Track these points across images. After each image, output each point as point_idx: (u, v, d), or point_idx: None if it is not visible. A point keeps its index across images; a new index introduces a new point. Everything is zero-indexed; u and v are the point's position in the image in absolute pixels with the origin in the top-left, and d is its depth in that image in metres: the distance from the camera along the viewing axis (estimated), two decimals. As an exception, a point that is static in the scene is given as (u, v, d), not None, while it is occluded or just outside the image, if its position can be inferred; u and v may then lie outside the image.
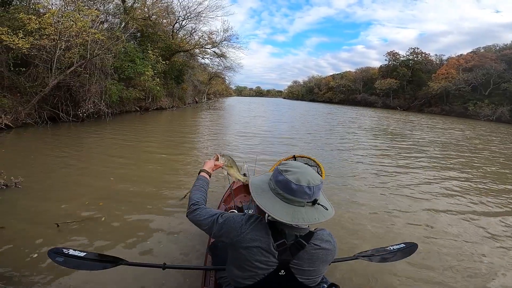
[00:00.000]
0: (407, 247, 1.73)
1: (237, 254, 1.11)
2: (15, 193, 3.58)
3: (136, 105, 16.33)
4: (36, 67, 9.50)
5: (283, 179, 1.05)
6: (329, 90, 70.26)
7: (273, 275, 1.08)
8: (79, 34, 9.79)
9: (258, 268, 1.08)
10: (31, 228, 2.81)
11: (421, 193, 4.66)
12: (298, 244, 1.07)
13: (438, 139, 12.32)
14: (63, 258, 1.37)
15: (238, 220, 1.13)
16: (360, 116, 25.68)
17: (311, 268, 1.10)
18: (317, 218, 1.03)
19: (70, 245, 2.56)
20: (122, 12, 17.05)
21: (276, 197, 1.06)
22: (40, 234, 2.71)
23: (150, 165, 5.50)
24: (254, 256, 1.07)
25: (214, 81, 41.71)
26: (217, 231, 1.17)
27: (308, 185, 1.02)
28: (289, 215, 1.01)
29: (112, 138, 8.21)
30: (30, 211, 3.18)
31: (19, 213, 3.11)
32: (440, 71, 43.21)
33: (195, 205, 1.29)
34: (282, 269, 1.08)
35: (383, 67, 56.77)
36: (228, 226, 1.14)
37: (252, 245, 1.06)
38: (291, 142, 9.23)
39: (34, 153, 5.85)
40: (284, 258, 1.07)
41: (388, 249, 1.70)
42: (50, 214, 3.10)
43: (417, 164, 6.95)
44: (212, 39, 23.71)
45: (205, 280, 1.62)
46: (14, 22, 8.99)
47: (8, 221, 2.84)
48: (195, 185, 1.43)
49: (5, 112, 8.45)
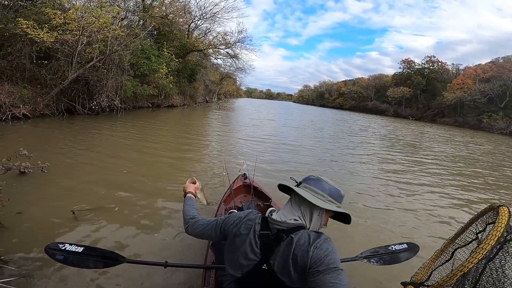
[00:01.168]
0: (409, 248, 1.69)
1: (230, 242, 1.18)
2: (32, 180, 3.70)
3: (149, 102, 16.60)
4: (58, 61, 9.79)
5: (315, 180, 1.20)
6: (340, 96, 69.71)
7: (257, 268, 1.10)
8: (101, 30, 10.05)
9: (244, 257, 1.12)
10: (47, 214, 2.91)
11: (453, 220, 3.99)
12: (277, 236, 1.09)
13: (460, 153, 11.73)
14: (63, 256, 1.36)
15: (239, 215, 1.23)
16: (373, 124, 25.15)
17: (286, 267, 1.05)
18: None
19: (82, 233, 2.65)
20: (141, 9, 17.45)
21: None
22: (56, 220, 2.81)
23: (160, 160, 5.60)
24: (242, 245, 1.13)
25: (225, 82, 41.99)
26: (222, 229, 1.25)
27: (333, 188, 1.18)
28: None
29: (124, 132, 8.38)
30: (46, 197, 3.30)
31: (36, 199, 3.22)
32: (456, 81, 42.30)
33: (193, 219, 1.38)
34: (265, 263, 1.10)
35: (397, 74, 56.00)
36: (230, 220, 1.23)
37: (243, 236, 1.14)
38: (301, 151, 8.29)
39: (49, 143, 6.04)
40: (265, 251, 1.10)
41: (389, 249, 1.67)
42: (66, 202, 3.20)
43: (445, 182, 6.21)
44: (226, 40, 23.94)
45: (205, 279, 1.64)
46: (41, 16, 9.29)
47: (25, 206, 2.95)
48: (186, 205, 1.51)
49: (24, 102, 8.74)
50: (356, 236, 3.13)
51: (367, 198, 4.53)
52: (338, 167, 6.70)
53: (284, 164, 6.27)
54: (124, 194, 3.62)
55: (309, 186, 1.16)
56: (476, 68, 42.72)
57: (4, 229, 2.51)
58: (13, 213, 2.70)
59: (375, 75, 64.86)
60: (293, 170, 5.87)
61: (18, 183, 3.50)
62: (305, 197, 1.09)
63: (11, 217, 2.66)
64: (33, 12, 9.36)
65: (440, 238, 3.25)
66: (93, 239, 2.58)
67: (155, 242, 2.65)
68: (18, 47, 8.82)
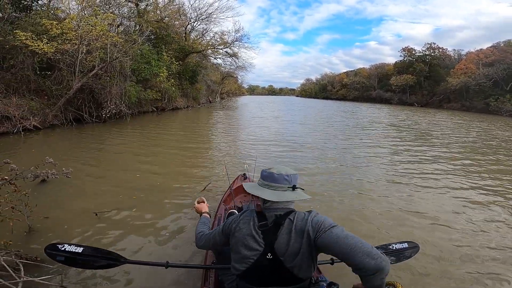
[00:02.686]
0: (410, 247, 1.68)
1: (233, 240, 1.26)
2: (53, 187, 3.90)
3: (153, 106, 16.80)
4: (60, 71, 9.98)
5: (267, 172, 1.29)
6: (343, 87, 69.18)
7: (262, 259, 1.17)
8: (99, 38, 10.21)
9: (247, 249, 1.19)
10: (71, 217, 3.08)
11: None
12: (276, 222, 1.19)
13: (490, 141, 10.28)
14: (64, 257, 1.36)
15: (235, 217, 1.33)
16: (382, 113, 24.39)
17: (291, 249, 1.14)
18: (297, 197, 1.25)
19: (105, 233, 2.80)
20: (136, 15, 17.59)
21: (264, 187, 1.27)
22: (81, 222, 2.98)
23: (171, 163, 5.75)
24: (243, 240, 1.21)
25: (226, 81, 42.11)
26: (223, 231, 1.35)
27: (286, 173, 1.26)
28: (275, 196, 1.22)
29: (133, 137, 8.57)
30: (68, 202, 3.48)
31: (59, 204, 3.40)
32: (459, 66, 41.65)
33: (200, 234, 1.54)
34: (269, 252, 1.16)
35: (398, 63, 55.34)
36: (229, 220, 1.34)
37: (243, 229, 1.23)
38: (306, 150, 7.32)
39: (63, 152, 6.24)
40: (268, 239, 1.17)
41: (390, 247, 1.66)
42: (87, 205, 3.38)
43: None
44: (224, 40, 24.02)
45: (206, 279, 1.65)
46: (37, 27, 9.46)
47: (51, 211, 3.12)
48: (199, 223, 1.66)
49: (33, 114, 8.96)
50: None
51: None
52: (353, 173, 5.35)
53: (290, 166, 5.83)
54: (140, 196, 3.76)
55: (266, 182, 1.27)
56: (478, 53, 41.99)
57: (35, 232, 2.67)
58: (41, 218, 2.85)
59: (376, 64, 64.13)
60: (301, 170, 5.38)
61: (40, 190, 3.67)
62: (268, 198, 1.21)
63: (39, 222, 2.82)
64: (29, 23, 9.49)
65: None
66: (116, 239, 2.72)
67: (162, 241, 2.73)
68: (20, 59, 8.99)
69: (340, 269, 2.31)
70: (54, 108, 9.61)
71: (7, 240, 2.16)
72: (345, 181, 4.85)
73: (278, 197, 1.21)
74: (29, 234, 2.65)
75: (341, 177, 5.06)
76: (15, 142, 7.17)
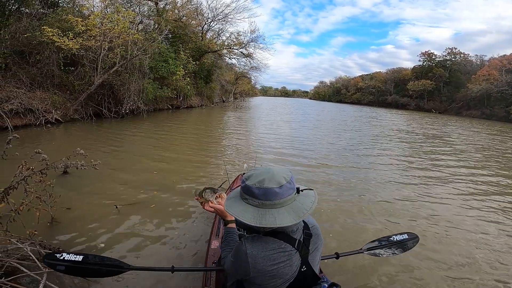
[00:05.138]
0: (410, 238, 1.72)
1: (261, 279, 1.06)
2: (74, 179, 3.99)
3: (168, 103, 17.04)
4: (83, 67, 10.27)
5: (263, 188, 1.01)
6: (358, 91, 68.10)
7: (298, 274, 1.10)
8: (120, 35, 10.44)
9: (287, 275, 1.07)
10: (93, 209, 3.14)
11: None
12: (307, 235, 1.13)
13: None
14: (64, 266, 1.31)
15: (243, 259, 1.07)
16: (402, 119, 23.32)
17: (317, 252, 1.18)
18: (311, 201, 1.07)
19: (125, 225, 2.81)
20: (155, 14, 17.93)
21: (270, 208, 1.01)
22: (102, 214, 3.03)
23: (187, 160, 5.76)
24: (281, 270, 1.05)
25: (240, 81, 42.21)
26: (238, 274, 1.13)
27: (285, 179, 1.03)
28: (294, 215, 1.01)
29: (150, 133, 8.70)
30: (88, 194, 3.55)
31: (80, 196, 3.46)
32: (481, 72, 40.23)
33: (222, 261, 1.31)
34: (304, 265, 1.12)
35: (416, 67, 53.98)
36: (238, 266, 1.11)
37: (275, 265, 1.04)
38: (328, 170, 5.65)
39: (82, 145, 6.32)
40: (304, 254, 1.11)
41: (391, 239, 1.70)
42: (107, 198, 3.45)
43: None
44: (240, 40, 24.11)
45: (206, 280, 1.63)
46: (63, 24, 9.75)
47: (72, 202, 3.17)
48: (224, 240, 1.38)
49: (55, 107, 9.25)
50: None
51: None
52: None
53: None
54: (157, 192, 3.78)
55: (265, 201, 1.00)
56: (501, 59, 40.52)
57: (57, 223, 2.71)
58: (63, 209, 2.91)
59: (393, 68, 62.85)
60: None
61: (62, 182, 3.75)
62: (291, 223, 0.99)
63: (62, 212, 2.87)
64: (56, 19, 9.78)
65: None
66: (135, 231, 2.77)
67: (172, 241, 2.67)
68: (46, 54, 9.28)
69: (343, 265, 2.31)
70: (75, 103, 9.89)
71: (32, 230, 2.19)
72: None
73: (297, 215, 1.00)
74: (52, 225, 2.70)
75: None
76: (37, 134, 7.40)
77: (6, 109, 7.63)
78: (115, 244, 2.51)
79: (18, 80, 8.67)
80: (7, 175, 2.29)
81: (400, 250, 1.69)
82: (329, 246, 2.62)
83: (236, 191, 1.12)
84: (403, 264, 2.47)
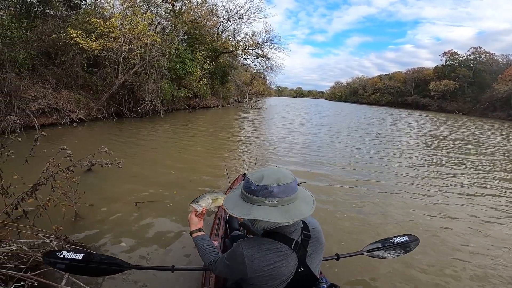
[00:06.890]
0: (410, 240, 1.70)
1: (259, 279, 1.06)
2: (98, 175, 4.13)
3: (185, 104, 17.32)
4: (105, 67, 10.64)
5: (271, 186, 1.00)
6: (376, 91, 66.30)
7: (295, 274, 1.10)
8: (140, 37, 10.72)
9: (283, 275, 1.07)
10: (115, 206, 3.23)
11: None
12: (305, 236, 1.12)
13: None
14: (64, 265, 1.30)
15: (240, 261, 1.07)
16: (430, 122, 21.54)
17: (316, 254, 1.15)
18: (309, 193, 1.12)
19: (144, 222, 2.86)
20: (172, 15, 18.29)
21: (280, 205, 1.01)
22: (123, 211, 3.11)
23: (202, 160, 5.79)
24: (277, 270, 1.05)
25: (255, 81, 42.24)
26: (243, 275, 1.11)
27: (290, 176, 1.05)
28: (304, 208, 1.04)
29: (168, 133, 8.88)
30: (112, 191, 3.68)
31: (103, 193, 3.57)
32: (508, 72, 38.05)
33: (211, 265, 1.26)
34: (301, 266, 1.11)
35: (439, 67, 51.88)
36: (235, 269, 1.11)
37: (271, 265, 1.04)
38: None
39: (105, 144, 6.53)
40: (301, 255, 1.10)
41: (392, 241, 1.68)
42: (128, 195, 3.54)
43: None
44: (255, 40, 24.14)
45: (205, 279, 1.63)
46: (86, 26, 10.12)
47: (95, 199, 3.28)
48: (199, 248, 1.33)
49: (79, 107, 9.64)
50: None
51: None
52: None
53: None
54: (175, 191, 3.83)
55: (283, 197, 1.00)
56: (529, 58, 38.08)
57: (81, 219, 2.80)
58: (87, 205, 3.01)
59: (413, 68, 60.63)
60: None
61: (86, 179, 3.87)
62: (302, 217, 1.00)
63: (85, 209, 2.96)
64: (79, 21, 10.10)
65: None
66: (153, 228, 2.83)
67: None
68: (70, 55, 9.66)
69: (344, 266, 2.26)
70: (98, 103, 10.25)
71: (57, 225, 2.25)
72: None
73: (309, 205, 1.05)
74: (76, 220, 2.78)
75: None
76: (62, 133, 7.73)
77: (34, 109, 8.03)
78: (129, 242, 2.54)
79: (45, 80, 9.08)
80: (35, 171, 2.37)
81: (401, 252, 1.68)
82: (329, 247, 2.56)
83: (236, 196, 1.10)
84: (404, 266, 2.42)
